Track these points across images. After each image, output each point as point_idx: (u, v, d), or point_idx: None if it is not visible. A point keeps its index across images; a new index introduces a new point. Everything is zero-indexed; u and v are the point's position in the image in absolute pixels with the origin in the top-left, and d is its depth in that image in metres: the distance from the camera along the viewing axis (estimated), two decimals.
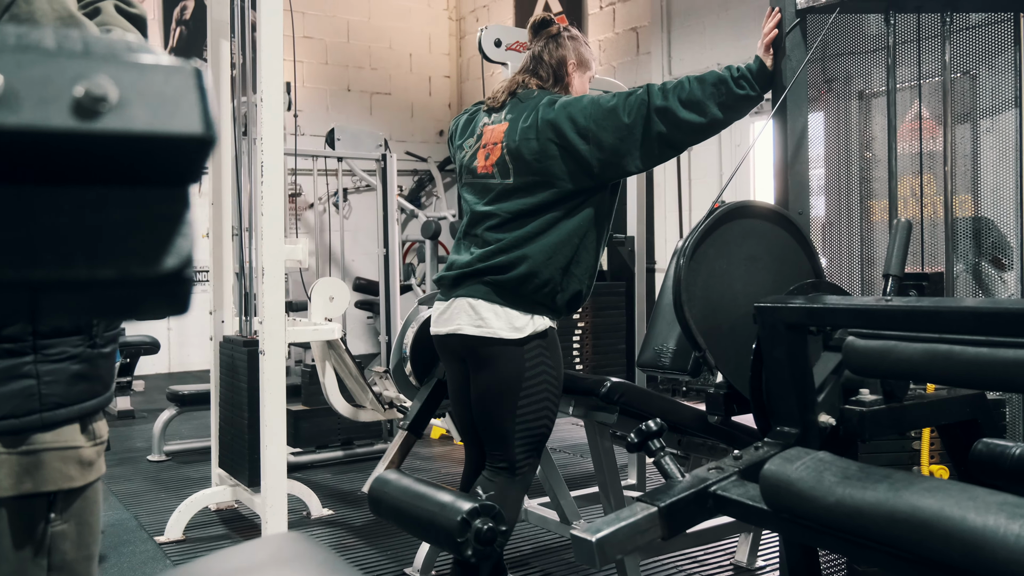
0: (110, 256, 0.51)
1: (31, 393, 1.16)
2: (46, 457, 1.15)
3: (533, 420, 2.24)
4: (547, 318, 2.26)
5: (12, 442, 1.12)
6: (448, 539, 2.01)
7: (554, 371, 2.27)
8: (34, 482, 1.14)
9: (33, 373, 1.15)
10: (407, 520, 2.22)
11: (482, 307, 2.25)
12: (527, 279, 2.23)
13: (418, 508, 2.14)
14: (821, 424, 1.73)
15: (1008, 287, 2.44)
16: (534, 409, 2.24)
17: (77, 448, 1.20)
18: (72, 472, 1.20)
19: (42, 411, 1.15)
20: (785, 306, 1.64)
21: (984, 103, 2.41)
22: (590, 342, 3.56)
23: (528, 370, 2.22)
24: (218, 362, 3.90)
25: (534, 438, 2.27)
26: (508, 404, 2.23)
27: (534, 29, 2.50)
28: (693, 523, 1.58)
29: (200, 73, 0.51)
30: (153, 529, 3.62)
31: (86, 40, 0.48)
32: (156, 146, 0.50)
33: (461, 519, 1.99)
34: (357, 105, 9.54)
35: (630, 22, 7.69)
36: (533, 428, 2.25)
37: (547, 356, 2.25)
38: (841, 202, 2.57)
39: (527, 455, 2.27)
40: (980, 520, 1.16)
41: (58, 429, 1.18)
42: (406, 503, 2.19)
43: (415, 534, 2.29)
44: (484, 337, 2.24)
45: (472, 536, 1.99)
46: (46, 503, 1.17)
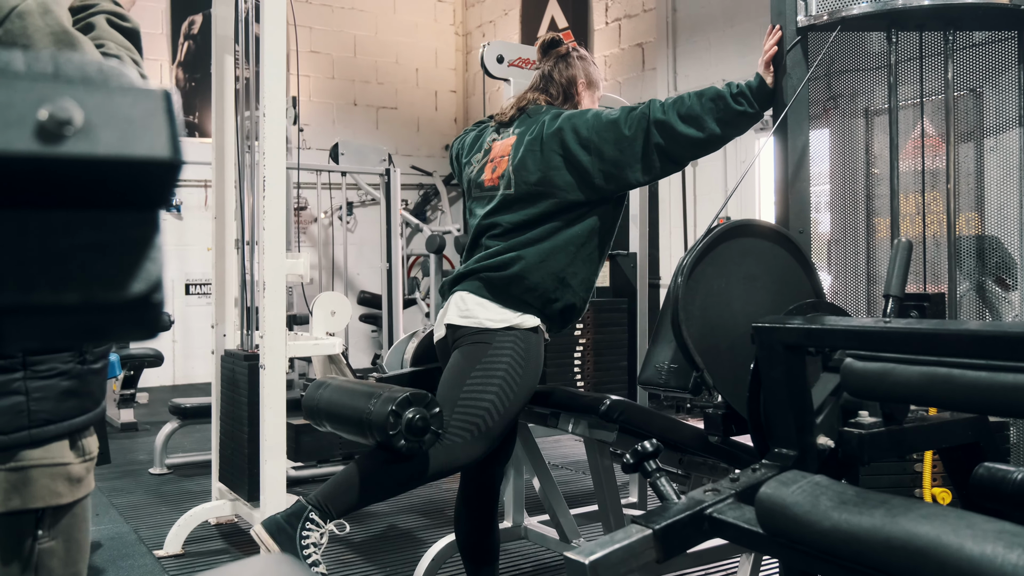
0: (75, 280, 0.50)
1: (20, 410, 1.15)
2: (34, 474, 1.15)
3: (474, 399, 2.21)
4: (536, 319, 2.28)
5: (2, 457, 1.12)
6: (380, 431, 2.03)
7: (519, 369, 2.25)
8: (22, 499, 1.13)
9: (23, 390, 1.15)
10: (340, 419, 2.25)
11: (470, 299, 2.30)
12: (517, 279, 2.27)
13: (350, 406, 2.17)
14: (819, 446, 1.71)
15: (1013, 307, 2.41)
16: (479, 389, 2.22)
17: (66, 465, 1.20)
18: (61, 489, 1.19)
19: (31, 427, 1.15)
20: (783, 326, 1.62)
21: (988, 121, 2.40)
22: (591, 359, 3.54)
23: (492, 353, 2.23)
24: (219, 375, 3.89)
25: (470, 417, 2.21)
26: (460, 375, 2.24)
27: (543, 49, 2.55)
28: (688, 546, 1.56)
29: (169, 96, 0.50)
30: (152, 543, 3.61)
31: (56, 62, 0.48)
32: (122, 170, 0.49)
33: (391, 410, 2.01)
34: (363, 119, 9.57)
35: (636, 38, 7.71)
36: (471, 407, 2.21)
37: (518, 352, 2.25)
38: (846, 219, 2.56)
39: (459, 430, 2.20)
40: (977, 549, 1.14)
41: (47, 445, 1.17)
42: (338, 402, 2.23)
43: (349, 433, 2.28)
44: (467, 326, 2.28)
45: (404, 427, 2.01)
46: (34, 520, 1.16)
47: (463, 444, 2.21)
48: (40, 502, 1.15)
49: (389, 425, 2.06)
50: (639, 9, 7.66)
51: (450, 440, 2.20)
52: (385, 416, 2.06)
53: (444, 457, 2.20)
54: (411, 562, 3.24)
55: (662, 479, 1.62)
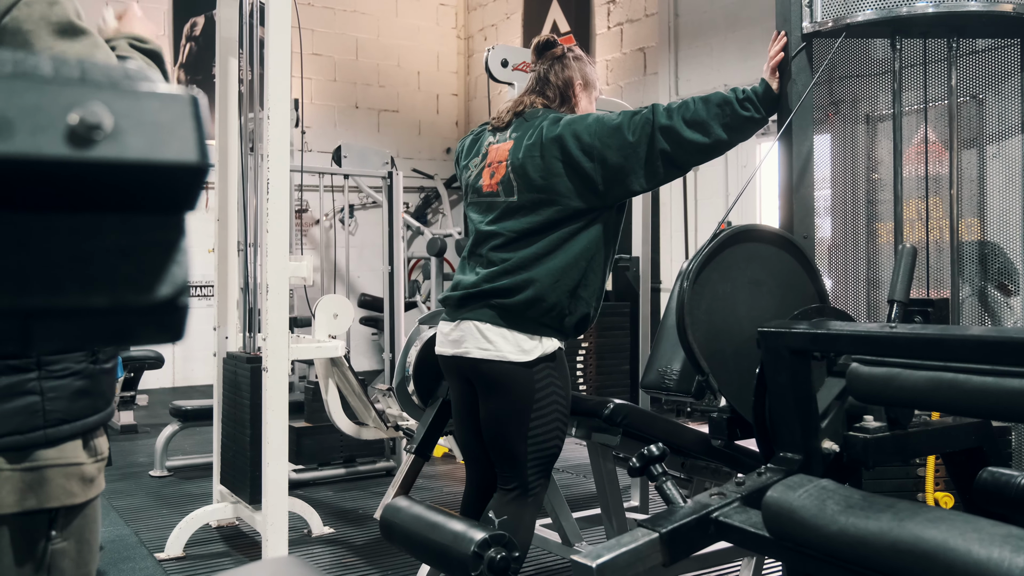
0: (103, 283, 0.51)
1: (35, 409, 1.16)
2: (49, 474, 1.15)
3: (544, 442, 2.24)
4: (555, 339, 2.26)
5: (16, 458, 1.12)
6: (462, 570, 2.00)
7: (563, 392, 2.26)
8: (38, 498, 1.14)
9: (37, 389, 1.15)
10: (419, 549, 2.21)
11: (489, 331, 2.24)
12: (534, 303, 2.22)
13: (430, 538, 2.13)
14: (825, 450, 1.71)
15: (1014, 313, 2.42)
16: (545, 431, 2.23)
17: (79, 464, 1.20)
18: (74, 488, 1.20)
19: (46, 427, 1.15)
20: (789, 331, 1.63)
21: (991, 128, 2.40)
22: (594, 363, 3.54)
23: (538, 391, 2.22)
24: (221, 378, 3.89)
25: (545, 459, 2.27)
26: (519, 427, 2.22)
27: (538, 51, 2.50)
28: (695, 549, 1.56)
29: (196, 101, 0.51)
30: (153, 546, 3.61)
31: (83, 67, 0.48)
32: (150, 174, 0.49)
33: (474, 551, 1.97)
34: (365, 122, 9.58)
35: (638, 42, 7.72)
36: (544, 449, 2.25)
37: (556, 377, 2.25)
38: (847, 224, 2.57)
39: (539, 476, 2.26)
40: (984, 552, 1.14)
41: (61, 445, 1.18)
42: (418, 532, 2.18)
43: (428, 563, 2.28)
44: (493, 360, 2.23)
45: (486, 567, 1.97)
46: (47, 520, 1.17)
47: (543, 487, 2.30)
48: (55, 502, 1.16)
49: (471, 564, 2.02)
50: (641, 13, 7.68)
51: (535, 495, 2.27)
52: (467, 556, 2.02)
53: (536, 508, 2.30)
54: (411, 566, 3.24)
55: (668, 483, 1.63)
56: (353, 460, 4.84)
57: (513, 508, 2.24)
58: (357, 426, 4.19)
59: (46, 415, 1.15)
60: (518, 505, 2.24)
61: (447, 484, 4.70)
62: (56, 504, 1.17)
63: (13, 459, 1.13)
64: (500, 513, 2.23)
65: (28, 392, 1.14)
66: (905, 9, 2.12)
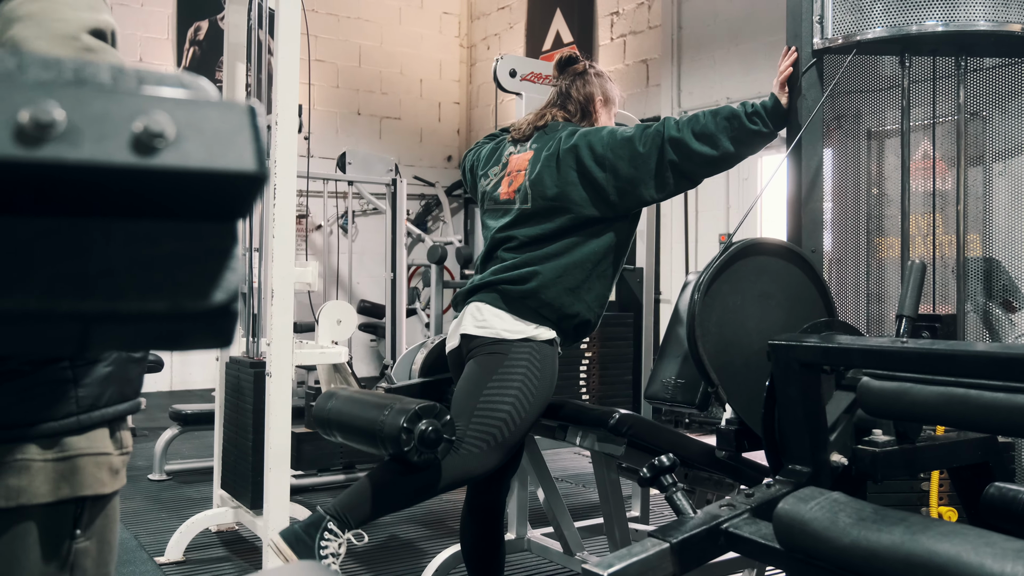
0: (161, 289, 0.52)
1: (69, 396, 1.16)
2: (81, 462, 1.16)
3: (491, 410, 2.23)
4: (551, 332, 2.31)
5: (48, 445, 1.12)
6: (393, 444, 2.05)
7: (535, 380, 2.27)
8: (71, 487, 1.14)
9: (70, 377, 1.15)
10: (351, 431, 2.26)
11: (487, 309, 2.32)
12: (534, 293, 2.29)
13: (361, 417, 2.18)
14: (833, 463, 1.72)
15: (1017, 328, 2.44)
16: (496, 400, 2.24)
17: (108, 455, 1.21)
18: (104, 478, 1.20)
19: (79, 413, 1.15)
20: (800, 344, 1.64)
21: (997, 145, 2.42)
22: (597, 372, 3.55)
23: (508, 364, 2.25)
24: (223, 383, 3.89)
25: (486, 427, 2.23)
26: (476, 386, 2.26)
27: (560, 66, 2.58)
28: (704, 560, 1.57)
29: (254, 111, 0.52)
30: (153, 549, 3.60)
31: (140, 75, 0.49)
32: (209, 182, 0.50)
33: (403, 422, 2.03)
34: (367, 129, 9.60)
35: (640, 54, 7.76)
36: (488, 417, 2.23)
37: (534, 364, 2.27)
38: (848, 238, 2.58)
39: (475, 440, 2.22)
40: (998, 567, 1.15)
41: (90, 433, 1.18)
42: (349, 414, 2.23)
43: (361, 444, 2.29)
44: (484, 336, 2.30)
45: (416, 439, 2.03)
46: (73, 517, 1.17)
47: (479, 454, 2.23)
48: (88, 490, 1.16)
49: (402, 438, 2.07)
50: (644, 26, 7.71)
51: (466, 450, 2.22)
52: (398, 429, 2.07)
53: (460, 467, 2.21)
54: (414, 572, 3.24)
55: (678, 493, 1.63)
56: (352, 466, 4.84)
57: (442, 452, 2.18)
58: None
59: (79, 401, 1.15)
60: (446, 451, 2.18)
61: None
62: (89, 492, 1.17)
63: (46, 446, 1.13)
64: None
65: (62, 380, 1.14)
66: (915, 27, 2.15)
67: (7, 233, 0.49)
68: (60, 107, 0.46)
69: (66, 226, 0.50)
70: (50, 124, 0.46)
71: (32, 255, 0.49)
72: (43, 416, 1.12)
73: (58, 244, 0.49)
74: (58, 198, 0.49)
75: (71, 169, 0.47)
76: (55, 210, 0.49)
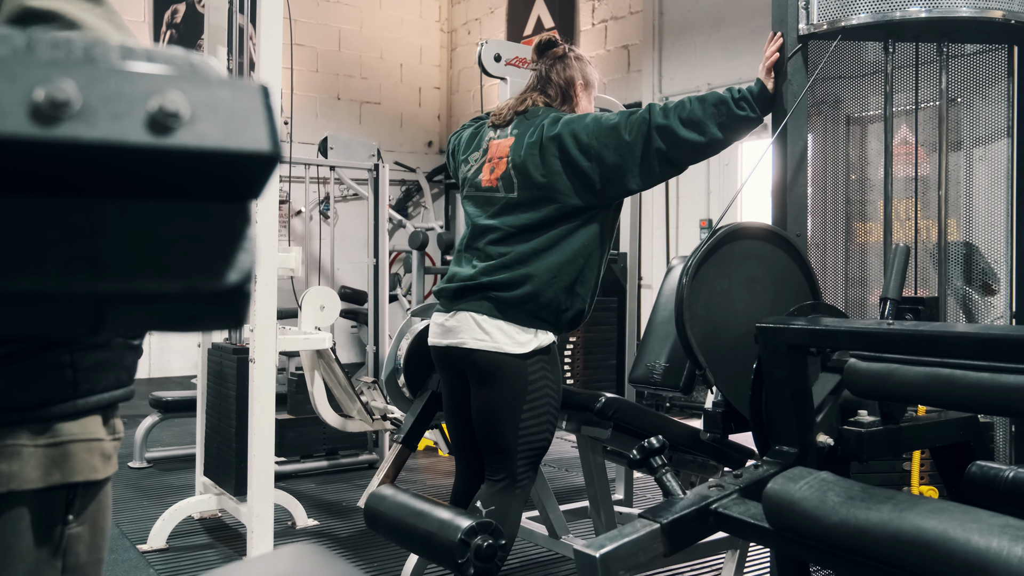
0: (176, 270, 0.52)
1: (66, 381, 1.15)
2: (73, 448, 1.15)
3: (535, 434, 2.26)
4: (550, 333, 2.28)
5: (39, 431, 1.11)
6: (448, 557, 2.01)
7: (555, 385, 2.29)
8: (62, 473, 1.13)
9: (68, 362, 1.14)
10: (405, 537, 2.22)
11: (486, 322, 2.27)
12: (531, 298, 2.25)
13: (416, 526, 2.14)
14: (819, 444, 1.75)
15: (996, 311, 2.47)
16: (536, 423, 2.25)
17: (100, 440, 1.20)
18: (96, 464, 1.19)
19: (75, 398, 1.14)
20: (788, 327, 1.66)
21: (978, 131, 2.45)
22: (582, 357, 3.57)
23: (531, 384, 2.24)
24: (206, 369, 3.88)
25: (535, 451, 2.29)
26: (511, 418, 2.24)
27: (539, 50, 2.53)
28: (694, 540, 1.59)
29: (267, 91, 0.52)
30: (136, 537, 3.59)
31: (150, 54, 0.49)
32: (224, 162, 0.50)
33: (461, 538, 1.98)
34: (347, 114, 9.54)
35: (622, 40, 7.75)
36: (535, 442, 2.27)
37: (549, 371, 2.27)
38: (827, 223, 2.60)
39: (527, 468, 2.28)
40: (984, 542, 1.18)
41: (83, 419, 1.17)
42: (403, 520, 2.18)
43: (413, 551, 2.28)
44: (488, 351, 2.25)
45: (472, 554, 1.99)
46: (65, 502, 1.16)
47: (531, 479, 2.32)
48: (79, 476, 1.15)
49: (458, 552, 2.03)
50: (626, 11, 7.71)
51: (523, 486, 2.29)
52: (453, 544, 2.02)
53: (523, 501, 2.30)
54: (397, 558, 3.25)
55: (668, 475, 1.65)
56: (336, 453, 4.84)
57: (501, 499, 2.25)
58: (342, 418, 4.19)
59: (76, 386, 1.14)
60: (506, 496, 2.26)
61: (430, 477, 4.72)
62: (80, 479, 1.16)
63: (37, 432, 1.12)
64: (488, 503, 2.25)
65: (60, 365, 1.13)
66: (899, 13, 2.16)
67: (22, 213, 0.49)
68: (75, 85, 0.46)
69: (80, 206, 0.49)
70: (66, 102, 0.46)
71: (46, 235, 0.49)
72: (40, 401, 1.11)
73: (72, 224, 0.49)
74: (73, 178, 0.49)
75: (87, 148, 0.47)
76: (69, 190, 0.49)
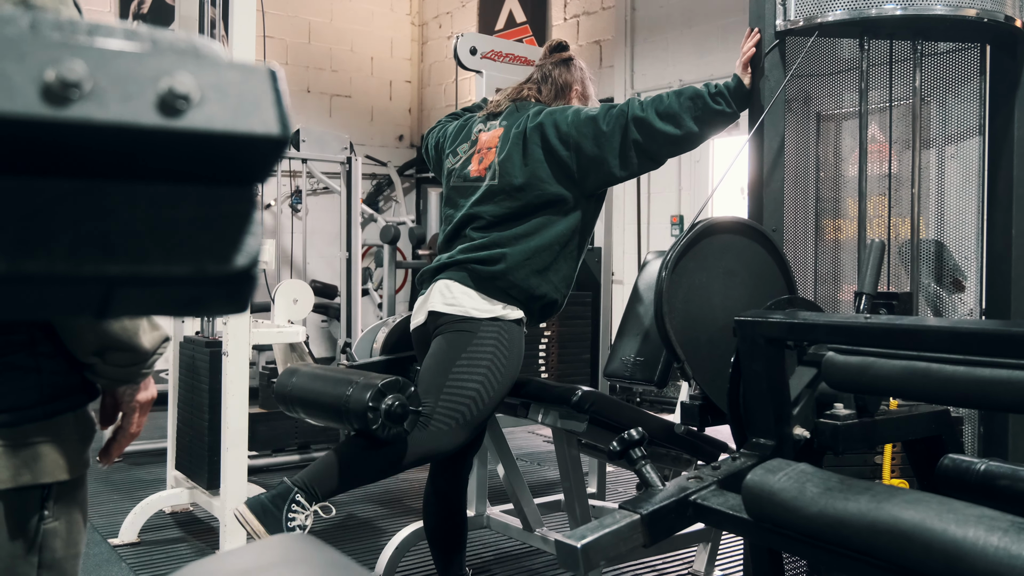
0: (185, 253, 0.51)
1: (32, 385, 1.14)
2: (43, 449, 1.14)
3: (460, 388, 2.25)
4: (519, 311, 2.32)
5: (9, 434, 1.10)
6: (360, 419, 2.05)
7: (504, 358, 2.29)
8: (32, 474, 1.12)
9: (34, 365, 1.14)
10: (316, 407, 2.25)
11: (456, 288, 2.32)
12: (502, 275, 2.30)
13: (326, 393, 2.17)
14: (796, 437, 1.77)
15: (966, 307, 2.52)
16: (465, 378, 2.25)
17: (72, 440, 1.19)
18: (66, 464, 1.18)
19: (43, 403, 1.13)
20: (766, 320, 1.68)
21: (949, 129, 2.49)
22: (556, 351, 3.58)
23: (477, 340, 2.27)
24: (177, 362, 3.84)
25: (456, 405, 2.25)
26: (445, 363, 2.26)
27: (551, 50, 2.62)
28: (674, 531, 1.61)
29: (274, 74, 0.52)
30: (107, 531, 3.55)
31: (154, 36, 0.49)
32: (233, 145, 0.50)
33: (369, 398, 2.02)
34: (317, 107, 9.46)
35: (594, 35, 7.77)
36: (457, 395, 2.25)
37: (502, 343, 2.29)
38: (797, 220, 2.63)
39: (444, 417, 2.24)
40: (960, 532, 1.20)
41: (53, 420, 1.16)
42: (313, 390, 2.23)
43: (326, 421, 2.28)
44: (452, 314, 2.30)
45: (383, 414, 2.04)
46: (39, 499, 1.15)
47: (448, 432, 2.24)
48: (49, 477, 1.14)
49: (368, 413, 2.06)
50: (598, 6, 7.72)
51: (435, 427, 2.23)
52: (364, 404, 2.06)
53: (428, 444, 2.22)
54: (372, 551, 3.24)
55: (647, 466, 1.66)
56: (307, 447, 4.81)
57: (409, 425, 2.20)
58: None
59: (42, 390, 1.14)
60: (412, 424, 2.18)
61: None
62: (50, 480, 1.15)
63: (7, 435, 1.11)
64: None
65: (26, 368, 1.12)
66: (874, 11, 2.19)
67: (31, 194, 0.48)
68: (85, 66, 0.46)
69: (89, 188, 0.49)
70: (77, 83, 0.45)
71: (56, 217, 0.49)
72: (6, 404, 1.10)
73: (82, 206, 0.49)
74: (82, 159, 0.48)
75: (98, 129, 0.46)
76: (78, 171, 0.49)
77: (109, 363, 1.21)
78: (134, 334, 1.22)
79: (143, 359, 1.26)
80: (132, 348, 1.22)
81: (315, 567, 0.94)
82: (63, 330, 1.17)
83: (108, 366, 1.21)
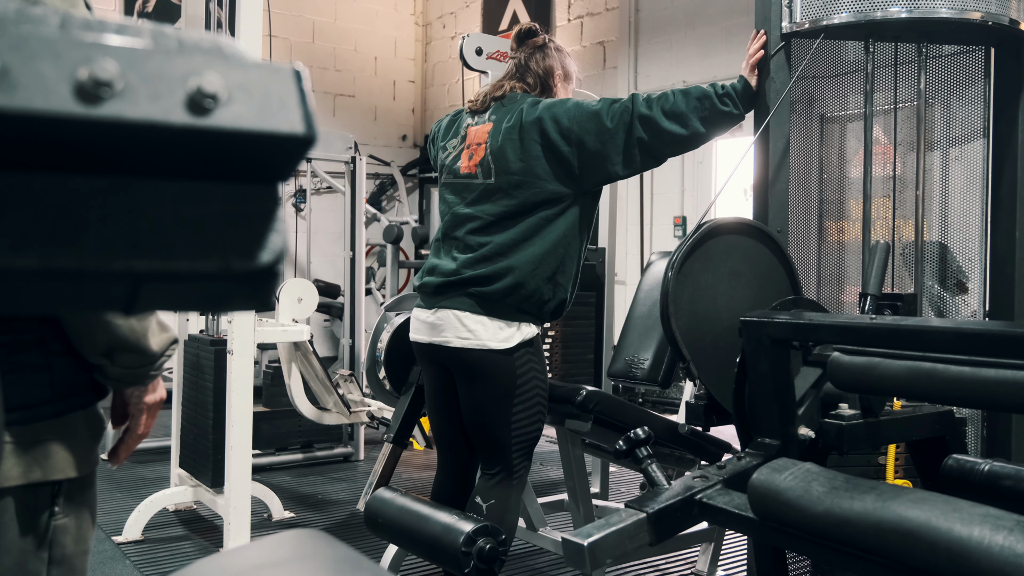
0: (211, 249, 0.52)
1: (44, 382, 1.15)
2: (54, 446, 1.15)
3: (527, 426, 2.28)
4: (533, 325, 2.29)
5: (21, 431, 1.11)
6: (452, 561, 2.03)
7: (542, 376, 2.30)
8: (43, 471, 1.13)
9: (45, 364, 1.15)
10: (407, 540, 2.23)
11: (468, 319, 2.26)
12: (513, 290, 2.24)
13: (418, 529, 2.15)
14: (801, 436, 1.78)
15: (969, 308, 2.53)
16: (528, 415, 2.27)
17: (82, 437, 1.20)
18: (76, 461, 1.19)
19: (54, 401, 1.14)
20: (772, 321, 1.69)
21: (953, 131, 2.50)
22: (560, 351, 3.59)
23: (520, 377, 2.25)
24: (182, 361, 3.85)
25: (528, 442, 2.31)
26: (503, 412, 2.26)
27: (519, 38, 2.51)
28: (679, 530, 1.62)
29: (299, 74, 0.52)
30: (111, 529, 3.56)
31: (179, 36, 0.50)
32: (259, 143, 0.51)
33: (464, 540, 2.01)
34: (321, 106, 9.48)
35: (597, 36, 7.78)
36: (527, 433, 2.29)
37: (535, 362, 2.28)
38: (799, 221, 2.64)
39: (522, 459, 2.31)
40: (966, 531, 1.21)
41: (63, 418, 1.17)
42: (406, 523, 2.20)
43: (417, 554, 2.31)
44: (474, 349, 2.25)
45: (475, 556, 2.01)
46: (50, 495, 1.16)
47: (526, 468, 2.34)
48: (60, 474, 1.15)
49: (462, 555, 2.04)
50: (602, 7, 7.73)
51: (518, 476, 2.31)
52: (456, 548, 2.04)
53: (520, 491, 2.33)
54: (376, 549, 3.25)
55: (653, 465, 1.67)
56: (311, 445, 4.83)
57: (499, 492, 2.27)
58: (319, 411, 4.18)
59: (53, 388, 1.15)
60: (504, 488, 2.28)
61: (405, 470, 4.71)
62: (60, 477, 1.16)
63: (18, 432, 1.12)
64: (486, 498, 2.26)
65: (37, 366, 1.13)
66: (880, 13, 2.20)
67: (63, 191, 0.49)
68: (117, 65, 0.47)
69: (118, 185, 0.50)
70: (109, 82, 0.46)
71: (86, 213, 0.49)
72: (18, 402, 1.11)
73: (111, 202, 0.50)
74: (112, 157, 0.49)
75: (129, 127, 0.47)
76: (109, 169, 0.50)
77: (117, 364, 1.22)
78: (142, 336, 1.23)
79: (151, 361, 1.26)
80: (140, 350, 1.23)
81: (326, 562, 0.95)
82: (72, 331, 1.17)
83: (116, 367, 1.22)
